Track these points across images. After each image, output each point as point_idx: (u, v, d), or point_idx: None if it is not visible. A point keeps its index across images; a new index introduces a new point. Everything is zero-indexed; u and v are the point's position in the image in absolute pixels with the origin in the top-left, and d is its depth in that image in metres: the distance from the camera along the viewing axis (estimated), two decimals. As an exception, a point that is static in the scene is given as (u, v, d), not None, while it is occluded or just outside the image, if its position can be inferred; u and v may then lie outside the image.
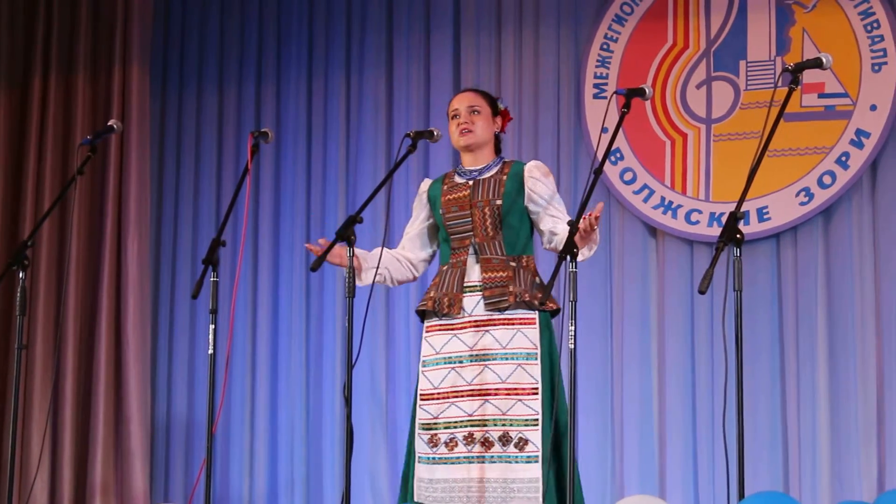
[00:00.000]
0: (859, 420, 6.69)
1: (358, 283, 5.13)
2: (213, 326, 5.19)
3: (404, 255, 5.29)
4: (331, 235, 4.94)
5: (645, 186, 7.17)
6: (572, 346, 4.58)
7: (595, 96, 7.31)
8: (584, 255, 4.87)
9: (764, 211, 6.93)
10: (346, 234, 4.89)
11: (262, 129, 5.38)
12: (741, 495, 4.26)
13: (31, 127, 7.88)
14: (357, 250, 5.03)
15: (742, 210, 4.38)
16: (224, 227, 5.27)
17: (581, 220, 4.70)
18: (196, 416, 7.85)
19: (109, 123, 5.83)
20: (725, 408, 4.43)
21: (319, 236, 7.64)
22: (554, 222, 5.08)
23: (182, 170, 8.12)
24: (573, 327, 4.60)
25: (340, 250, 5.05)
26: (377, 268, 5.16)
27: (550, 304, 5.05)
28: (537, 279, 5.09)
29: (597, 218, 4.76)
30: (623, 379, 7.10)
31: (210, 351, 5.17)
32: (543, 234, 5.12)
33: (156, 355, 7.94)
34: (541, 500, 4.80)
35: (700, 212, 7.05)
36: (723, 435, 4.48)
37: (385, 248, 5.17)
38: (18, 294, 5.54)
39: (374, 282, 5.10)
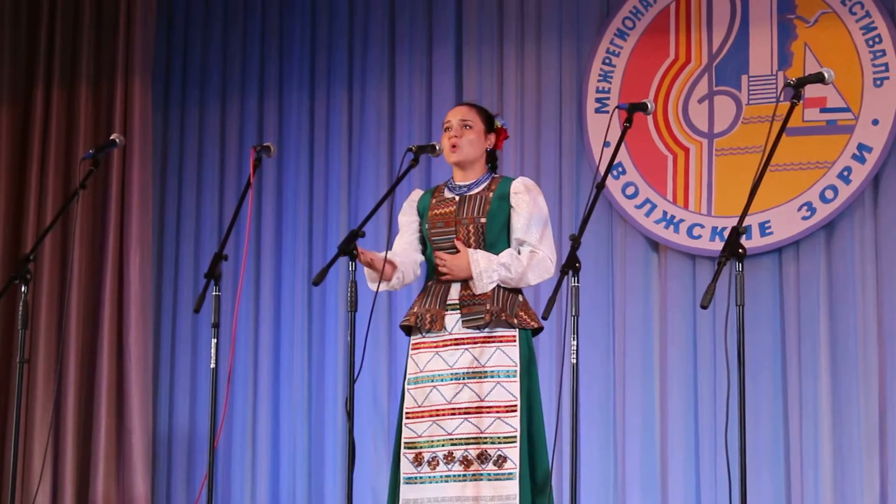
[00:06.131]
0: (861, 434, 6.68)
1: (382, 285, 5.09)
2: (216, 340, 5.19)
3: (403, 258, 5.16)
4: (332, 250, 4.94)
5: (647, 201, 7.17)
6: (574, 361, 4.57)
7: (597, 111, 7.31)
8: (475, 286, 5.00)
9: (766, 225, 6.93)
10: (348, 249, 4.87)
11: (265, 144, 5.38)
12: (743, 510, 4.26)
13: (33, 140, 7.89)
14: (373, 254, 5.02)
15: (744, 225, 4.37)
16: (226, 241, 5.26)
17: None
18: (198, 429, 7.84)
19: (112, 137, 5.82)
20: (727, 422, 4.42)
21: (321, 251, 7.71)
22: (519, 244, 5.07)
23: (184, 183, 8.12)
24: (575, 342, 4.60)
25: (373, 254, 5.02)
26: (379, 279, 5.13)
27: (532, 322, 5.04)
28: (520, 297, 5.07)
29: (440, 259, 5.01)
30: (625, 393, 7.09)
31: (212, 365, 5.17)
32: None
33: (158, 369, 7.94)
34: None
35: (702, 226, 7.05)
36: (725, 449, 4.47)
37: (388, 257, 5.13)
38: (20, 308, 5.53)
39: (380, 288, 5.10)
